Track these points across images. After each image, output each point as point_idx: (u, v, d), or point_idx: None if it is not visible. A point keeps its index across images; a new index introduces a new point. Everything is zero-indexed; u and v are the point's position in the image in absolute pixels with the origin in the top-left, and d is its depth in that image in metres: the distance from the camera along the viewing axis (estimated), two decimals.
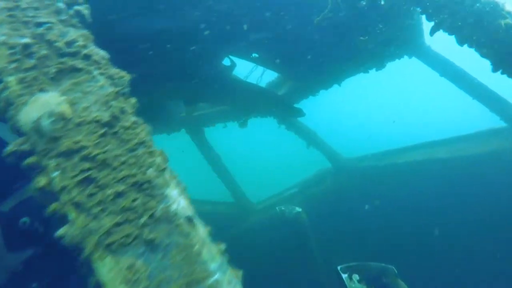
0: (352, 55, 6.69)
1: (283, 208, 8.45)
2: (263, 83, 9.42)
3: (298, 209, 8.44)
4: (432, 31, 4.48)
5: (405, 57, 7.12)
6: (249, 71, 9.46)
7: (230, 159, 11.07)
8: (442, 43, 6.46)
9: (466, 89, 7.28)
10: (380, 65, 7.06)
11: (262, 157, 53.01)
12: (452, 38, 4.31)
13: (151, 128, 2.32)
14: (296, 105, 8.69)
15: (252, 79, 9.43)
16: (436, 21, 4.27)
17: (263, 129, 15.18)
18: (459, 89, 7.34)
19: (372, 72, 7.76)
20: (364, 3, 5.26)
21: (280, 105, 7.02)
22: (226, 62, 8.08)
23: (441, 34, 4.66)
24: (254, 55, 7.60)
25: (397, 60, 7.32)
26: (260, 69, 9.06)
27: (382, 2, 5.18)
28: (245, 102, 7.05)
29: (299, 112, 7.20)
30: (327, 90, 8.48)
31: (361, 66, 7.09)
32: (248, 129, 8.69)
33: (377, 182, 9.06)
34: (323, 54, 6.88)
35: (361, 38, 5.65)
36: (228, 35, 6.79)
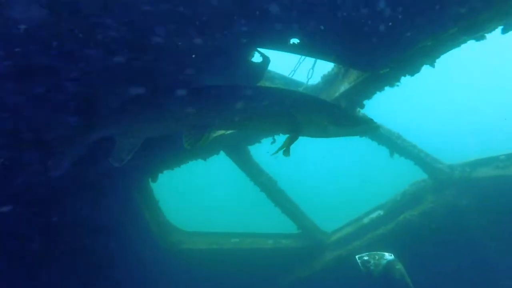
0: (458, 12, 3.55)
1: (366, 258, 5.53)
2: (316, 79, 6.57)
3: (389, 256, 5.48)
4: None
5: None
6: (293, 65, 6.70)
7: (289, 180, 8.31)
8: None
9: None
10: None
11: (330, 173, 40.75)
12: None
13: None
14: (364, 106, 5.71)
15: (299, 76, 6.66)
16: None
17: None
18: None
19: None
20: None
21: (335, 120, 4.09)
22: (255, 58, 5.42)
23: None
24: (294, 40, 4.74)
25: None
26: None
27: None
28: (276, 125, 4.26)
29: (370, 126, 4.18)
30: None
31: (473, 30, 3.90)
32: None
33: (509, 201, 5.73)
34: (407, 19, 3.82)
35: None
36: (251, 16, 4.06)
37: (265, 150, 5.38)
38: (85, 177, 6.20)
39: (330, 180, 39.01)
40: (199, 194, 34.90)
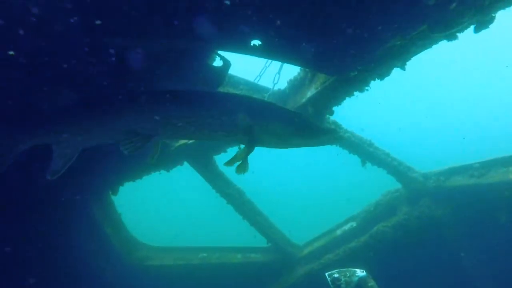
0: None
1: (336, 275, 5.03)
2: (283, 84, 6.10)
3: (361, 272, 4.99)
4: None
5: None
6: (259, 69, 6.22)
7: (258, 192, 7.78)
8: None
9: None
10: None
11: (300, 184, 37.62)
12: None
13: None
14: (333, 113, 5.28)
15: (265, 81, 6.18)
16: None
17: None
18: None
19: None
20: None
21: (295, 130, 3.64)
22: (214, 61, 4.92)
23: None
24: (255, 42, 4.25)
25: None
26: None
27: None
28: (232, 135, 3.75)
29: (334, 136, 3.73)
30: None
31: (444, 28, 3.48)
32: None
33: (484, 210, 5.35)
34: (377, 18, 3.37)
35: None
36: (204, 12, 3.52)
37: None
38: (38, 191, 5.59)
39: (302, 189, 37.38)
40: (165, 207, 33.37)
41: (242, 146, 5.70)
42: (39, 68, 3.36)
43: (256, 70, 6.35)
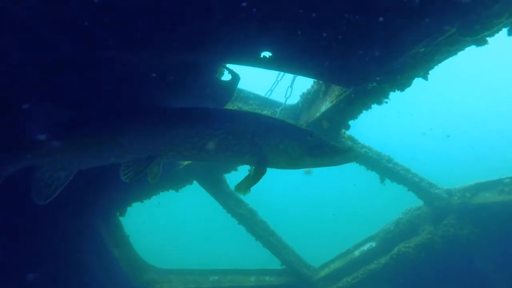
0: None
1: None
2: (294, 98, 5.73)
3: None
4: None
5: None
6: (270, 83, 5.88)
7: (271, 211, 7.37)
8: None
9: None
10: None
11: (315, 202, 35.74)
12: None
13: None
14: (349, 127, 4.90)
15: (277, 95, 5.83)
16: None
17: None
18: None
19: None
20: None
21: (308, 149, 3.29)
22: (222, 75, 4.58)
23: None
24: (266, 54, 3.89)
25: None
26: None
27: None
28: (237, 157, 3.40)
29: (350, 155, 3.35)
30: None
31: (476, 30, 3.08)
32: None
33: None
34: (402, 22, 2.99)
35: None
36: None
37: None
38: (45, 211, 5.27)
39: (319, 207, 35.78)
40: (175, 227, 32.29)
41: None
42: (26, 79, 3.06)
43: (267, 83, 6.04)
